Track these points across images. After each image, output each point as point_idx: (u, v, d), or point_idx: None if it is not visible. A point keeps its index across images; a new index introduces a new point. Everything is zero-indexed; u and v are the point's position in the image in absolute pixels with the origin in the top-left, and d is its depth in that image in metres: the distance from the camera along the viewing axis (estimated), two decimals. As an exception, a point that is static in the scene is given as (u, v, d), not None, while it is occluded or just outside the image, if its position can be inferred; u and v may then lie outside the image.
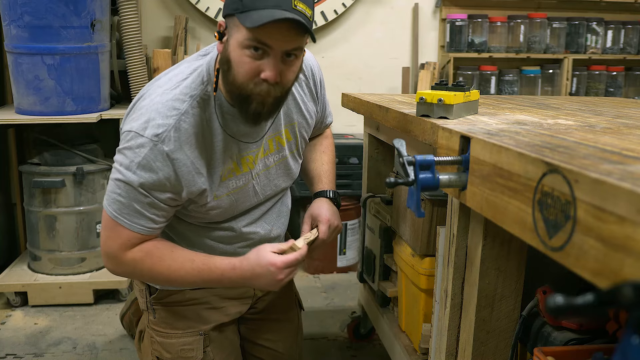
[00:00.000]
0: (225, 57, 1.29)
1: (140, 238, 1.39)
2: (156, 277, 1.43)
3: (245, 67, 1.26)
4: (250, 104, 1.30)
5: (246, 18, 1.21)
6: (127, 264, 1.40)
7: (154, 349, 1.62)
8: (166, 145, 1.31)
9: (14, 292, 2.64)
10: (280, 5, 1.21)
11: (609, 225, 0.67)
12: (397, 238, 1.82)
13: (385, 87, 3.42)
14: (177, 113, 1.33)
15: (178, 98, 1.34)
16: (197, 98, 1.35)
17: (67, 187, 2.63)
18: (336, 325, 2.50)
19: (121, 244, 1.38)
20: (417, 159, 1.05)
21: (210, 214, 1.47)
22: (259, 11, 1.21)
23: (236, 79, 1.28)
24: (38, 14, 2.43)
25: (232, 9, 1.25)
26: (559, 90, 3.45)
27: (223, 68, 1.31)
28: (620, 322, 1.03)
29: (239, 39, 1.25)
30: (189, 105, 1.34)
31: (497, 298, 1.16)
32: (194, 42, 3.21)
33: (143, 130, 1.31)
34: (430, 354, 1.41)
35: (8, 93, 2.91)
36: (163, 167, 1.32)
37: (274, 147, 1.53)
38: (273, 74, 1.25)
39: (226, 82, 1.32)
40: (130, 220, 1.35)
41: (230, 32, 1.28)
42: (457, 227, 1.20)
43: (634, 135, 1.13)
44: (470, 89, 1.46)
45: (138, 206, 1.34)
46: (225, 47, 1.29)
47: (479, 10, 3.38)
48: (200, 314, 1.59)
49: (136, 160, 1.31)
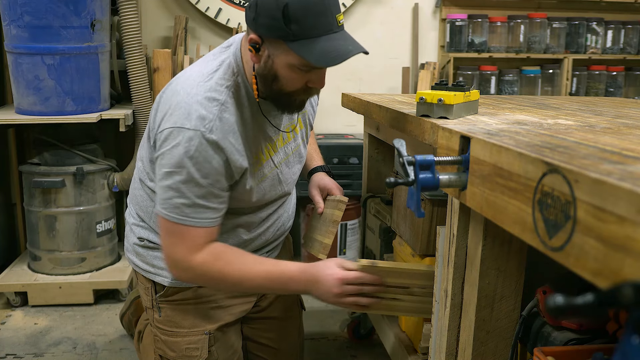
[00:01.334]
0: (271, 73, 1.30)
1: (206, 235, 1.37)
2: (226, 279, 1.40)
3: (297, 83, 1.31)
4: (295, 102, 1.36)
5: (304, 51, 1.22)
6: (196, 268, 1.38)
7: (157, 347, 1.61)
8: (214, 134, 1.31)
9: (14, 292, 2.64)
10: (331, 28, 1.24)
11: (609, 225, 0.67)
12: (397, 238, 1.82)
13: (385, 87, 3.42)
14: (218, 103, 1.34)
15: (215, 89, 1.35)
16: (232, 88, 1.37)
17: (67, 187, 2.63)
18: (336, 325, 2.50)
19: (189, 246, 1.36)
20: (417, 159, 1.05)
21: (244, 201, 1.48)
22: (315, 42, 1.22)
23: (284, 89, 1.32)
24: (38, 14, 2.43)
25: (279, 35, 1.24)
26: (559, 90, 3.45)
27: (266, 79, 1.32)
28: (620, 322, 1.03)
29: (290, 61, 1.27)
30: (227, 95, 1.36)
31: (497, 298, 1.16)
32: (194, 42, 3.21)
33: (188, 123, 1.31)
34: (430, 354, 1.41)
35: (8, 93, 2.91)
36: (215, 154, 1.32)
37: (291, 136, 1.56)
38: (322, 84, 1.33)
39: (268, 89, 1.34)
40: (195, 216, 1.34)
41: (274, 52, 1.28)
42: (457, 227, 1.20)
43: (634, 135, 1.13)
44: (470, 89, 1.46)
45: (201, 201, 1.34)
46: (268, 63, 1.30)
47: (479, 10, 3.38)
48: (207, 313, 1.58)
49: (188, 154, 1.30)
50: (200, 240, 1.36)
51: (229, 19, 3.19)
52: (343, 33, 1.28)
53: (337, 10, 1.26)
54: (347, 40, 1.27)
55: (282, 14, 1.21)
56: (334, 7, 1.25)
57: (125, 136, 2.92)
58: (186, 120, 1.30)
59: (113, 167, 2.79)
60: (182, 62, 2.96)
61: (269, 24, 1.24)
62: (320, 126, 3.30)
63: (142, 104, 2.75)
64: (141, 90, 2.76)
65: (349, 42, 1.27)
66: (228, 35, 3.23)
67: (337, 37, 1.25)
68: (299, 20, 1.21)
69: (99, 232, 2.73)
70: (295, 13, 1.20)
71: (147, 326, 1.79)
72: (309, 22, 1.21)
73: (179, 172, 1.31)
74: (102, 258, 2.77)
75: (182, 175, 1.31)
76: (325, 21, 1.23)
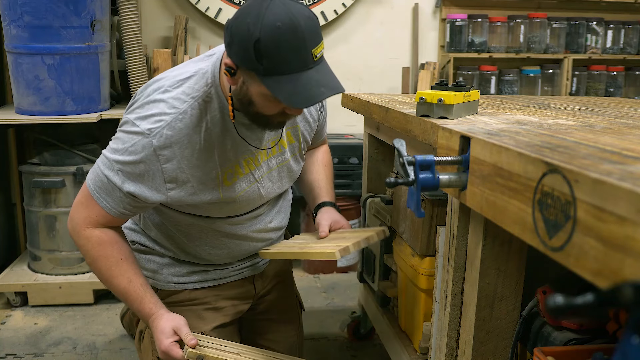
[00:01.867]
0: (246, 98, 1.29)
1: (105, 216, 1.41)
2: (95, 268, 1.46)
3: (272, 109, 1.29)
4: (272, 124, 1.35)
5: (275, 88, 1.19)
6: (80, 238, 1.43)
7: (154, 349, 1.62)
8: (156, 140, 1.32)
9: (14, 292, 2.64)
10: (305, 64, 1.19)
11: (609, 225, 0.67)
12: (397, 238, 1.82)
13: (385, 87, 3.42)
14: (175, 112, 1.34)
15: (179, 97, 1.35)
16: (199, 99, 1.35)
17: (67, 187, 2.63)
18: (336, 325, 2.50)
19: (87, 215, 1.41)
20: (417, 159, 1.05)
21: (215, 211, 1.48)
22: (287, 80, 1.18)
23: (260, 112, 1.31)
24: (38, 14, 2.42)
25: (251, 67, 1.21)
26: (559, 90, 3.45)
27: (242, 102, 1.30)
28: (620, 322, 1.03)
29: (264, 92, 1.24)
30: (189, 105, 1.35)
31: (497, 298, 1.16)
32: (194, 42, 3.21)
33: (139, 122, 1.34)
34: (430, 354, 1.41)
35: (8, 93, 2.91)
36: (147, 158, 1.33)
37: (276, 149, 1.53)
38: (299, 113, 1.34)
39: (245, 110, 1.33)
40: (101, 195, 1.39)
41: (248, 81, 1.25)
42: (457, 227, 1.20)
43: (634, 135, 1.13)
44: (470, 89, 1.46)
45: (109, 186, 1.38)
46: (243, 89, 1.28)
47: (479, 10, 3.38)
48: (201, 314, 1.59)
49: (124, 147, 1.35)
50: (99, 219, 1.41)
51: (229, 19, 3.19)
52: (320, 68, 1.22)
53: (315, 44, 1.20)
54: (323, 78, 1.21)
55: (253, 48, 1.17)
56: (310, 42, 1.18)
57: (125, 136, 2.91)
58: (140, 119, 1.34)
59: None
60: (182, 62, 2.96)
61: (242, 55, 1.20)
62: (320, 126, 3.30)
63: (142, 104, 2.75)
64: (141, 91, 2.76)
65: (324, 80, 1.21)
66: (228, 35, 3.22)
67: (312, 75, 1.19)
68: (271, 56, 1.17)
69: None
70: (266, 49, 1.16)
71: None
72: (281, 58, 1.17)
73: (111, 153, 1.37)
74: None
75: (110, 158, 1.36)
76: (299, 57, 1.18)
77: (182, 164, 1.36)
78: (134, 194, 1.36)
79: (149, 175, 1.35)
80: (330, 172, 1.78)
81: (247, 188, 1.48)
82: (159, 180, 1.35)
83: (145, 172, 1.34)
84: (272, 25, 1.15)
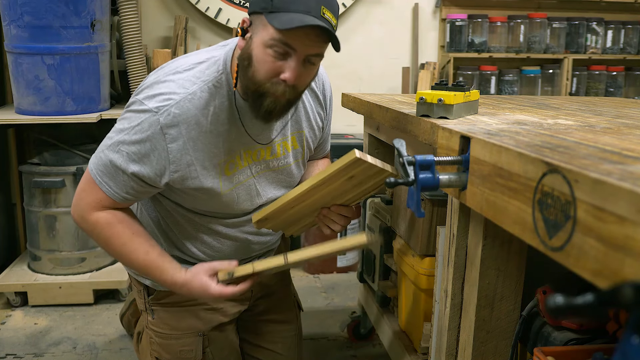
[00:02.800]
0: (247, 54, 1.30)
1: (108, 200, 1.40)
2: (109, 249, 1.44)
3: (266, 66, 1.27)
4: (264, 101, 1.31)
5: (275, 19, 1.22)
6: (89, 223, 1.42)
7: (153, 350, 1.62)
8: (163, 118, 1.32)
9: (14, 292, 2.64)
10: (310, 11, 1.23)
11: (609, 225, 0.67)
12: (397, 238, 1.82)
13: (385, 87, 3.42)
14: (185, 92, 1.34)
15: (189, 79, 1.35)
16: (209, 84, 1.36)
17: (67, 187, 2.63)
18: (336, 325, 2.50)
19: (92, 201, 1.40)
20: (417, 159, 1.05)
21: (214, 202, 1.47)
22: (289, 14, 1.22)
23: (255, 75, 1.29)
24: (38, 14, 2.43)
25: (261, 7, 1.26)
26: (559, 90, 3.45)
27: (243, 64, 1.31)
28: (620, 322, 1.03)
29: (264, 37, 1.25)
30: (199, 88, 1.35)
31: (497, 298, 1.16)
32: (194, 42, 3.21)
33: (147, 101, 1.33)
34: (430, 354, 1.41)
35: (8, 93, 2.91)
36: (153, 137, 1.33)
37: (280, 152, 1.53)
38: (293, 76, 1.27)
39: (244, 77, 1.32)
40: (103, 179, 1.37)
41: (255, 30, 1.28)
42: (457, 227, 1.20)
43: (634, 135, 1.13)
44: (470, 89, 1.46)
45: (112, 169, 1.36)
46: (248, 44, 1.30)
47: (479, 10, 3.38)
48: (199, 314, 1.59)
49: (130, 125, 1.34)
50: (102, 202, 1.40)
51: (229, 19, 3.19)
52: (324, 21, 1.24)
53: (327, 5, 1.25)
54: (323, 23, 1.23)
55: None
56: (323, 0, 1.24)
57: (125, 136, 2.91)
58: (148, 98, 1.34)
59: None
60: (182, 62, 2.96)
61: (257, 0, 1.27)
62: (320, 126, 3.30)
63: (142, 104, 2.75)
64: (141, 90, 2.76)
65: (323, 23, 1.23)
66: (228, 35, 3.23)
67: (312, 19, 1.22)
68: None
69: (99, 232, 2.73)
70: None
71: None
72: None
73: (116, 133, 1.36)
74: (102, 258, 2.77)
75: (115, 138, 1.36)
76: (308, 3, 1.22)
77: (187, 145, 1.35)
78: (138, 174, 1.35)
79: (154, 155, 1.34)
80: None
81: (244, 181, 1.48)
82: (163, 160, 1.35)
83: (150, 152, 1.34)
84: None
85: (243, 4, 3.18)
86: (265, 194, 1.54)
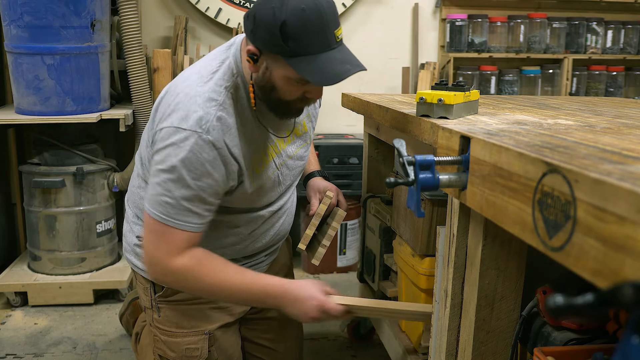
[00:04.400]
0: (269, 84, 1.32)
1: (188, 239, 1.35)
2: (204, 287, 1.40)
3: (293, 94, 1.33)
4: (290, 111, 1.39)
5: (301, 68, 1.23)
6: (176, 272, 1.37)
7: (157, 347, 1.61)
8: (211, 135, 1.31)
9: (14, 292, 2.64)
10: (329, 45, 1.25)
11: (609, 225, 0.67)
12: (397, 238, 1.82)
13: (385, 87, 3.42)
14: (216, 104, 1.34)
15: (214, 90, 1.35)
16: (230, 90, 1.37)
17: (67, 187, 2.63)
18: (336, 325, 2.50)
19: (170, 249, 1.35)
20: (417, 159, 1.05)
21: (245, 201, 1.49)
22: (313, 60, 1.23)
23: (282, 98, 1.34)
24: (38, 14, 2.42)
25: (277, 51, 1.25)
26: (559, 90, 3.45)
27: (264, 88, 1.34)
28: (620, 322, 1.03)
29: (288, 75, 1.28)
30: (225, 96, 1.36)
31: (497, 298, 1.16)
32: (194, 42, 3.21)
33: (185, 123, 1.31)
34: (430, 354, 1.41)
35: (8, 93, 2.91)
36: (209, 157, 1.31)
37: (294, 138, 1.57)
38: (320, 95, 1.36)
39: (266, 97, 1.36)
40: (179, 219, 1.33)
41: (272, 65, 1.29)
42: (457, 227, 1.20)
43: (634, 135, 1.13)
44: (470, 89, 1.46)
45: (186, 203, 1.32)
46: (267, 75, 1.31)
47: (479, 10, 3.38)
48: (206, 313, 1.59)
49: (181, 155, 1.30)
50: (182, 244, 1.35)
51: (229, 19, 3.19)
52: (341, 49, 1.29)
53: (336, 26, 1.26)
54: (346, 57, 1.28)
55: (279, 31, 1.21)
56: (332, 23, 1.25)
57: (125, 136, 2.91)
58: (184, 121, 1.31)
59: (113, 167, 2.79)
60: (182, 62, 2.96)
61: (267, 39, 1.24)
62: (320, 126, 3.30)
63: (142, 104, 2.75)
64: (141, 90, 2.76)
65: (347, 59, 1.27)
66: (228, 35, 3.23)
67: (335, 54, 1.26)
68: (297, 37, 1.21)
69: (99, 232, 2.73)
70: (293, 30, 1.21)
71: (145, 327, 1.79)
72: (307, 39, 1.22)
73: (170, 171, 1.31)
74: (102, 258, 2.77)
75: (172, 174, 1.31)
76: (324, 38, 1.24)
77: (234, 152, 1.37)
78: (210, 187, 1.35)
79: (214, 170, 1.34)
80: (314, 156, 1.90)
81: (271, 175, 1.51)
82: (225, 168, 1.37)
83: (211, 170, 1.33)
84: (297, 8, 1.21)
85: (243, 4, 3.18)
86: (285, 180, 1.58)
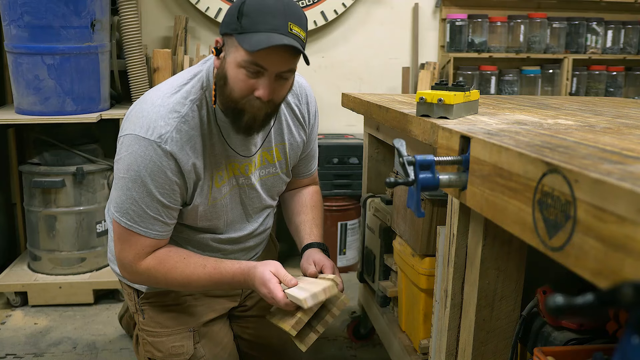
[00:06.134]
0: (222, 74, 1.34)
1: (154, 244, 1.42)
2: (171, 283, 1.46)
3: (240, 85, 1.31)
4: (243, 117, 1.36)
5: (244, 40, 1.26)
6: (142, 273, 1.44)
7: (146, 350, 1.63)
8: (169, 146, 1.35)
9: (14, 292, 2.64)
10: (278, 29, 1.27)
11: (609, 225, 0.67)
12: (397, 238, 1.82)
13: (385, 87, 3.42)
14: (178, 116, 1.37)
15: (179, 102, 1.39)
16: (197, 102, 1.40)
17: (67, 187, 2.63)
18: (336, 325, 2.50)
19: (135, 253, 1.42)
20: (417, 159, 1.05)
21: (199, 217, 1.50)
22: (258, 34, 1.26)
23: (232, 94, 1.33)
24: (38, 14, 2.42)
25: (231, 29, 1.30)
26: (559, 90, 3.45)
27: (219, 83, 1.35)
28: (620, 322, 1.03)
29: (236, 58, 1.30)
30: (189, 108, 1.39)
31: (497, 298, 1.16)
32: (194, 42, 3.20)
33: (146, 133, 1.35)
34: (430, 354, 1.41)
35: (8, 93, 2.91)
36: (169, 166, 1.36)
37: (261, 161, 1.57)
38: (266, 93, 1.31)
39: (222, 96, 1.37)
40: (145, 227, 1.39)
41: (227, 50, 1.32)
42: (457, 227, 1.20)
43: (634, 135, 1.13)
44: (470, 89, 1.46)
45: (150, 211, 1.38)
46: (222, 64, 1.34)
47: (479, 10, 3.38)
48: (189, 310, 1.61)
49: (143, 163, 1.35)
50: (148, 248, 1.42)
51: (229, 19, 3.19)
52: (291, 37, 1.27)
53: (293, 19, 1.28)
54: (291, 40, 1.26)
55: (237, 10, 1.28)
56: (289, 15, 1.28)
57: (125, 136, 2.91)
58: (145, 129, 1.35)
59: (113, 167, 2.79)
60: (182, 62, 2.96)
61: (227, 21, 1.31)
62: (320, 126, 3.29)
63: (142, 104, 2.75)
64: (141, 90, 2.76)
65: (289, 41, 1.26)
66: (228, 35, 3.22)
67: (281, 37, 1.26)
68: (250, 15, 1.27)
69: (99, 232, 2.73)
70: (248, 8, 1.27)
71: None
72: (258, 17, 1.26)
73: (133, 180, 1.36)
74: (102, 258, 2.76)
75: (135, 183, 1.36)
76: (275, 22, 1.26)
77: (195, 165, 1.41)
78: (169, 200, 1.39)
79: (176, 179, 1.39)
80: (318, 213, 1.74)
81: (227, 194, 1.51)
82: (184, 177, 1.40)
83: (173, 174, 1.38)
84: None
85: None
86: (252, 203, 1.58)
